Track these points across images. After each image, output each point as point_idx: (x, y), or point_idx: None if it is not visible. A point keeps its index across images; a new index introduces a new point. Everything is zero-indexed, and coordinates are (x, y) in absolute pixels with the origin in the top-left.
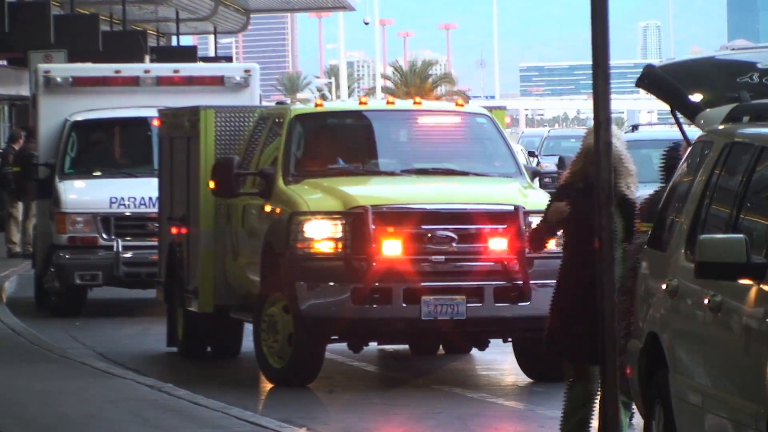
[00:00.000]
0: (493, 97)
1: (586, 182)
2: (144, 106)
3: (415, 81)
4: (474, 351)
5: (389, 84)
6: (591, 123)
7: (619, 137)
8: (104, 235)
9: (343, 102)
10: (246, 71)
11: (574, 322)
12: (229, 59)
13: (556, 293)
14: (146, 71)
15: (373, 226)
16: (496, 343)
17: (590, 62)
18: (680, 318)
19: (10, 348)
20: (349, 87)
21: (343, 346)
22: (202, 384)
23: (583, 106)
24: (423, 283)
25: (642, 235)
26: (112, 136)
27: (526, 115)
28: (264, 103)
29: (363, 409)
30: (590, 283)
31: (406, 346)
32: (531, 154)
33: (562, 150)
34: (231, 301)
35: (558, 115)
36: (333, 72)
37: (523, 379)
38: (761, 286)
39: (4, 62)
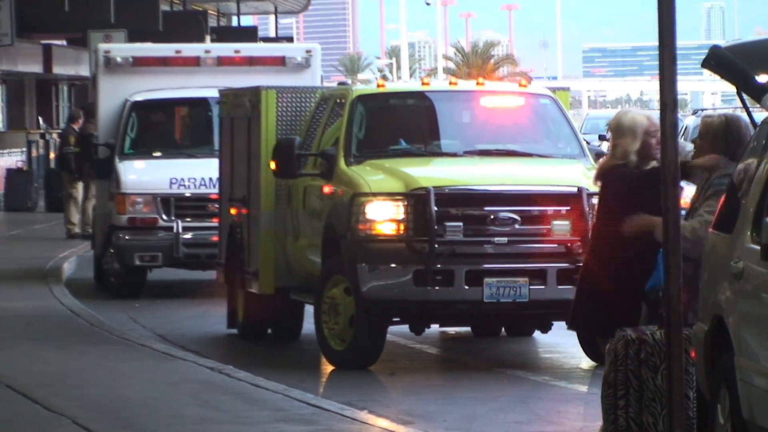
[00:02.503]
0: (555, 78)
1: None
2: (204, 87)
3: (476, 62)
4: (536, 333)
5: (451, 65)
6: (654, 104)
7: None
8: (164, 216)
9: (405, 83)
10: (307, 51)
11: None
12: (290, 40)
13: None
14: (207, 51)
15: (435, 208)
16: (559, 326)
17: (654, 43)
18: (746, 301)
19: (69, 330)
20: (410, 68)
21: (405, 328)
22: (262, 366)
23: (646, 87)
24: (485, 265)
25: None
26: (172, 116)
27: (589, 96)
28: (325, 84)
29: (424, 392)
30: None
31: (468, 329)
32: (602, 138)
33: None
34: (292, 283)
35: (621, 96)
36: (394, 53)
37: (586, 361)
38: None
39: (64, 42)
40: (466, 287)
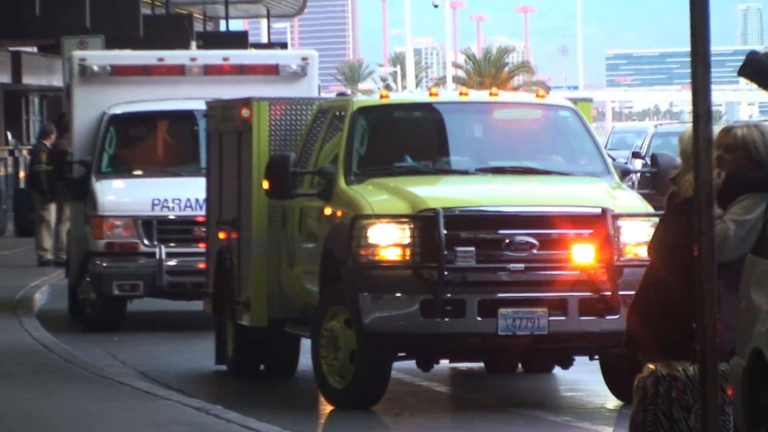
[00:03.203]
0: (576, 88)
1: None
2: (190, 98)
3: (489, 70)
4: (556, 370)
5: (461, 73)
6: (686, 116)
7: None
8: (146, 241)
9: (411, 93)
10: (303, 59)
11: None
12: (284, 46)
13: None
14: (192, 59)
15: (445, 231)
16: (581, 361)
17: (684, 49)
18: None
19: (41, 366)
20: (416, 77)
21: (411, 364)
22: (254, 406)
23: (676, 97)
24: (500, 294)
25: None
26: (155, 131)
27: (613, 107)
28: (323, 95)
29: None
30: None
31: (481, 364)
32: (636, 155)
33: (673, 149)
34: (286, 314)
35: (648, 107)
36: (398, 60)
37: (612, 400)
38: None
39: (35, 49)
40: (479, 319)
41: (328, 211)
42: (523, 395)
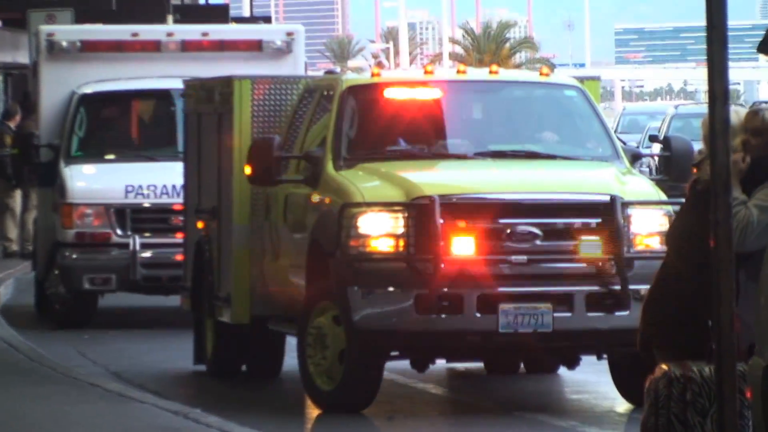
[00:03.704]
0: (583, 65)
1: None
2: (166, 76)
3: (489, 46)
4: (561, 370)
5: (458, 50)
6: (701, 96)
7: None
8: (119, 231)
9: (405, 71)
10: (288, 34)
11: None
12: (267, 20)
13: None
14: (169, 34)
15: (441, 220)
16: (588, 361)
17: (699, 23)
18: None
19: (5, 366)
20: (410, 54)
21: (405, 364)
22: (235, 409)
23: (691, 75)
24: (501, 289)
25: None
26: (129, 111)
27: (623, 87)
28: (310, 73)
29: None
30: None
31: (480, 364)
32: (653, 138)
33: (694, 132)
34: (270, 311)
35: (661, 86)
36: (391, 35)
37: (622, 403)
38: None
39: None
40: (478, 315)
41: (315, 198)
42: (525, 398)
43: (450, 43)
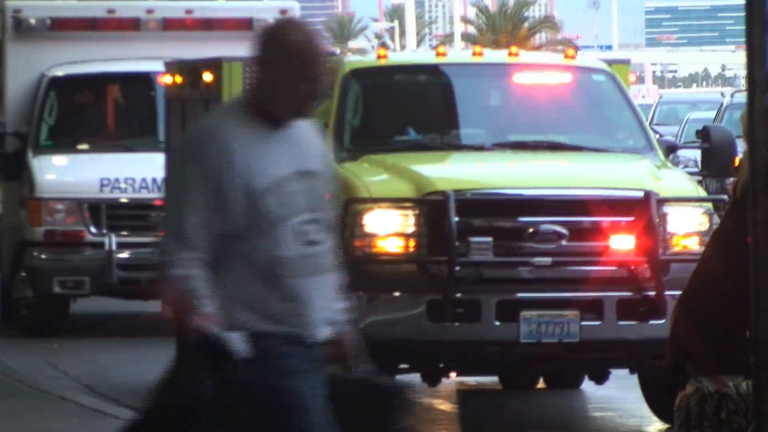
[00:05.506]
0: (610, 48)
1: None
2: (146, 58)
3: (505, 26)
4: (586, 384)
5: (471, 29)
6: (740, 82)
7: None
8: (93, 229)
9: (414, 53)
10: (282, 12)
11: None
12: None
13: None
14: (149, 11)
15: (456, 219)
16: (617, 375)
17: (738, 2)
18: None
19: None
20: (417, 34)
21: (416, 377)
22: None
23: (729, 59)
24: (522, 294)
25: None
26: (104, 97)
27: (654, 71)
28: None
29: None
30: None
31: (494, 378)
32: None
33: None
34: None
35: (696, 71)
36: (396, 14)
37: (649, 421)
38: None
39: None
40: (497, 323)
41: None
42: (544, 415)
43: (461, 23)
